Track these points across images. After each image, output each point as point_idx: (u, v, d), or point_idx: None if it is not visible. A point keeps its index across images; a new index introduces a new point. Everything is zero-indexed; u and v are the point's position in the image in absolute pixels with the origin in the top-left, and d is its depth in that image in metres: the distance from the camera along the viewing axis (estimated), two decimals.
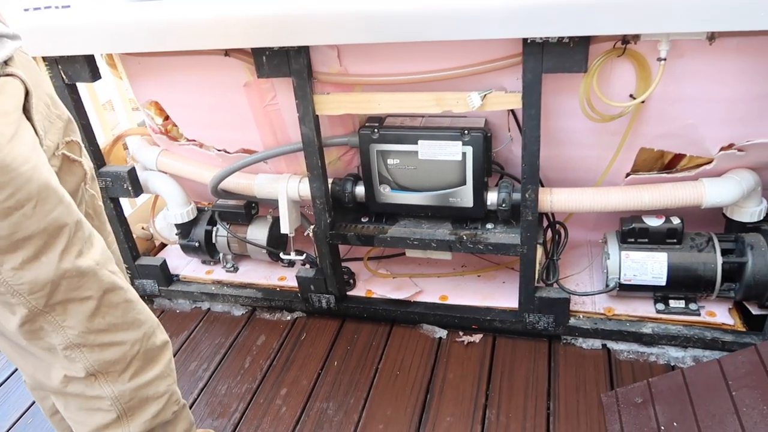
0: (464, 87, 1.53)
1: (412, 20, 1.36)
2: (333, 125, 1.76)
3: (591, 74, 1.43)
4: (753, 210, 1.67)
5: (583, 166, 1.73)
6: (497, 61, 1.47)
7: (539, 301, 1.75)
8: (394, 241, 1.77)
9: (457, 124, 1.65)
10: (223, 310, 2.12)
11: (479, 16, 1.32)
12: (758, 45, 1.35)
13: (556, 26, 1.30)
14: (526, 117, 1.47)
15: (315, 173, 1.70)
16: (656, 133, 1.57)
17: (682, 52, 1.38)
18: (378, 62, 1.58)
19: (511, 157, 1.78)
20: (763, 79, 1.41)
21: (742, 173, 1.61)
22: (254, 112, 1.76)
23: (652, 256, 1.70)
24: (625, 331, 1.75)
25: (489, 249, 1.71)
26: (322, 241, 1.82)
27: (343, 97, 1.60)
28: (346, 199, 1.79)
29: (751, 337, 1.68)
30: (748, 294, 1.68)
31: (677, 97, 1.47)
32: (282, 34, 1.46)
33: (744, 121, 1.49)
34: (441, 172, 1.66)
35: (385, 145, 1.67)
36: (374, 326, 1.97)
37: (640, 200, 1.62)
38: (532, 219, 1.62)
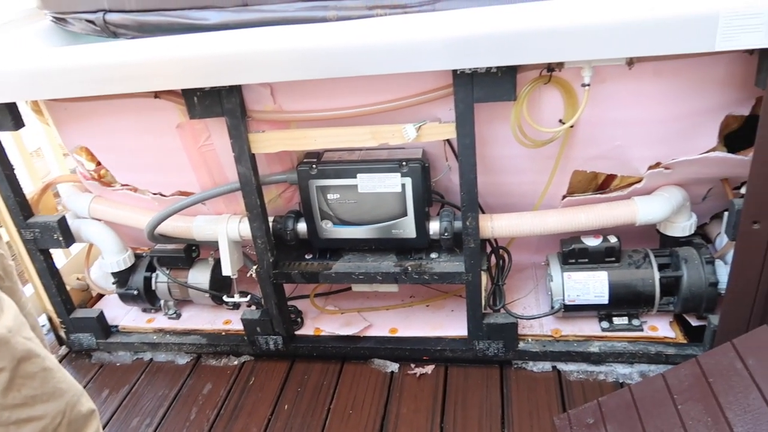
0: (400, 119, 1.54)
1: (343, 56, 1.37)
2: (271, 163, 1.74)
3: (520, 102, 1.46)
4: (684, 224, 1.74)
5: (520, 191, 1.76)
6: (430, 93, 1.49)
7: (487, 328, 1.75)
8: (339, 276, 1.75)
9: (395, 156, 1.66)
10: (166, 360, 2.03)
11: (409, 50, 1.34)
12: (674, 68, 1.41)
13: (483, 57, 1.33)
14: (461, 146, 1.49)
15: (254, 212, 1.67)
16: (587, 155, 1.62)
17: (604, 78, 1.43)
18: (313, 98, 1.57)
19: (450, 185, 1.80)
20: (681, 100, 1.48)
21: (670, 190, 1.67)
22: (189, 154, 1.72)
23: (593, 276, 1.74)
24: (573, 352, 1.77)
25: (434, 279, 1.70)
26: (265, 281, 1.78)
27: (278, 134, 1.58)
28: (288, 236, 1.76)
29: (692, 348, 1.72)
30: (686, 306, 1.73)
31: (604, 121, 1.52)
32: (212, 74, 1.44)
33: (667, 141, 1.55)
34: (382, 205, 1.66)
35: (324, 180, 1.65)
36: (324, 365, 1.92)
37: (577, 221, 1.66)
38: (474, 246, 1.63)
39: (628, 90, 1.45)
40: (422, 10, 1.51)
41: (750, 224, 1.46)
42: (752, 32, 1.21)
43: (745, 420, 1.27)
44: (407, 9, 1.53)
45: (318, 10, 1.57)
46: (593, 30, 1.26)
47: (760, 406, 1.27)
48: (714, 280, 1.67)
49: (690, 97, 1.47)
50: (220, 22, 1.60)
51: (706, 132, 1.53)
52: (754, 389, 1.30)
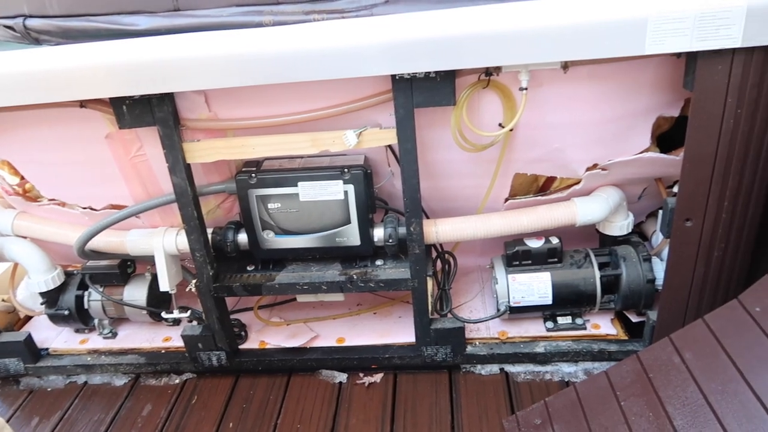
0: (340, 125, 1.51)
1: (280, 62, 1.33)
2: (208, 172, 1.68)
3: (460, 106, 1.46)
4: (622, 224, 1.78)
5: (463, 195, 1.76)
6: (370, 99, 1.47)
7: (435, 333, 1.74)
8: (283, 287, 1.70)
9: (337, 163, 1.63)
10: (102, 382, 1.93)
11: (347, 55, 1.31)
12: (607, 72, 1.44)
13: (422, 62, 1.32)
14: (403, 152, 1.48)
15: (192, 225, 1.61)
16: (527, 158, 1.64)
17: (540, 81, 1.45)
18: (250, 105, 1.53)
19: (394, 191, 1.78)
20: (615, 103, 1.51)
21: (608, 190, 1.71)
22: (120, 165, 1.64)
23: (537, 277, 1.76)
24: (520, 353, 1.78)
25: (380, 286, 1.68)
26: (206, 295, 1.71)
27: (214, 143, 1.53)
28: (228, 248, 1.70)
29: (633, 344, 1.77)
30: (626, 303, 1.77)
31: (542, 124, 1.54)
32: (142, 82, 1.38)
33: (603, 143, 1.58)
34: (325, 213, 1.63)
35: (265, 189, 1.61)
36: (270, 379, 1.87)
37: (519, 224, 1.67)
38: (419, 252, 1.62)
39: (564, 93, 1.47)
40: (360, 15, 1.49)
41: (683, 222, 1.50)
42: (679, 36, 1.25)
43: (684, 413, 1.30)
44: (345, 14, 1.51)
45: (253, 15, 1.53)
46: (529, 34, 1.27)
47: (698, 398, 1.30)
48: (651, 277, 1.71)
49: (623, 99, 1.50)
50: (150, 28, 1.53)
51: (639, 133, 1.58)
52: (692, 382, 1.34)
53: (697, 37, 1.25)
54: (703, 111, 1.35)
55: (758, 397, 1.21)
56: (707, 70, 1.30)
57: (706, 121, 1.36)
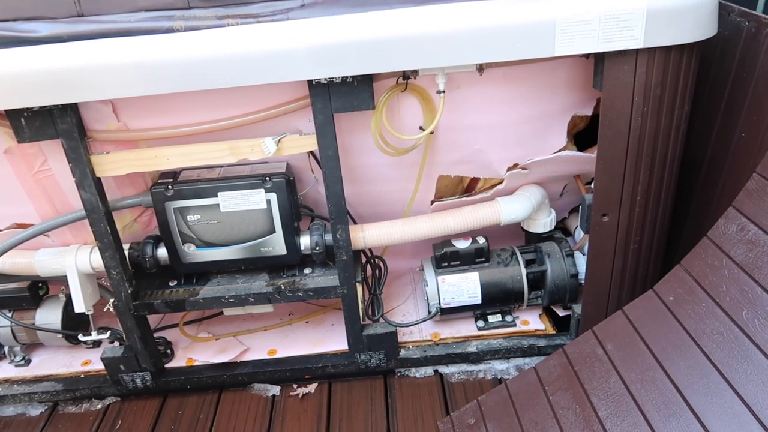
0: (259, 133, 1.47)
1: (191, 69, 1.28)
2: (121, 185, 1.60)
3: (379, 110, 1.45)
4: (545, 221, 1.82)
5: (389, 199, 1.76)
6: (287, 105, 1.44)
7: (368, 339, 1.73)
8: (208, 302, 1.64)
9: (258, 171, 1.58)
10: (15, 413, 1.80)
11: (262, 61, 1.28)
12: (521, 73, 1.47)
13: (338, 67, 1.30)
14: (324, 158, 1.45)
15: (105, 241, 1.52)
16: (449, 160, 1.65)
17: (458, 84, 1.46)
18: (162, 114, 1.46)
19: (319, 198, 1.75)
20: (531, 103, 1.54)
21: (530, 189, 1.74)
22: (23, 181, 1.54)
23: (466, 277, 1.77)
24: (453, 354, 1.79)
25: (309, 295, 1.65)
26: (125, 314, 1.63)
27: (125, 155, 1.45)
28: (147, 264, 1.63)
29: (561, 338, 1.81)
30: (553, 298, 1.81)
31: (462, 126, 1.55)
32: (41, 92, 1.29)
33: (522, 143, 1.61)
34: (247, 223, 1.58)
35: (183, 201, 1.54)
36: (200, 396, 1.80)
37: (446, 225, 1.68)
38: (347, 259, 1.60)
39: (481, 95, 1.49)
40: (276, 20, 1.46)
41: (600, 217, 1.55)
42: (586, 38, 1.28)
43: (608, 403, 1.34)
44: (260, 19, 1.47)
45: (163, 20, 1.47)
46: (444, 37, 1.28)
47: (620, 388, 1.34)
48: (574, 271, 1.76)
49: (539, 100, 1.53)
50: (51, 35, 1.44)
51: (555, 132, 1.62)
52: (614, 373, 1.38)
53: (603, 38, 1.29)
54: (612, 110, 1.40)
55: (674, 383, 1.26)
56: (614, 70, 1.35)
57: (615, 120, 1.41)
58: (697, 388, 1.22)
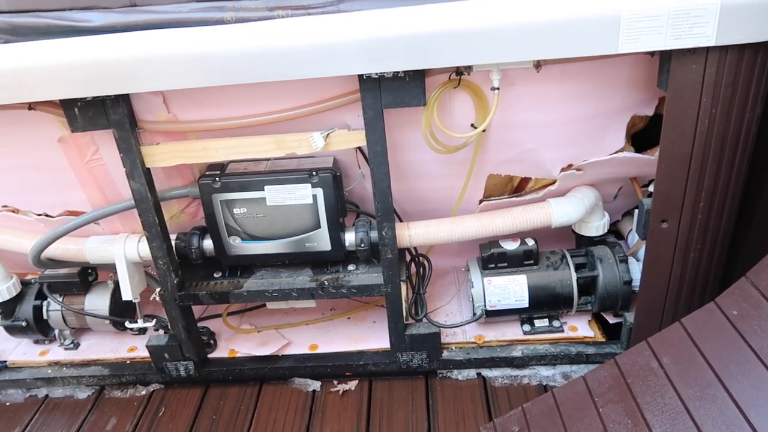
0: (306, 127, 1.45)
1: (243, 61, 1.27)
2: (169, 176, 1.61)
3: (430, 107, 1.41)
4: (598, 224, 1.75)
5: (437, 196, 1.72)
6: (337, 99, 1.41)
7: (410, 339, 1.70)
8: (252, 295, 1.64)
9: (305, 166, 1.57)
10: (64, 395, 1.85)
11: (312, 54, 1.25)
12: (580, 70, 1.40)
13: (390, 61, 1.27)
14: (372, 154, 1.42)
15: (153, 231, 1.53)
16: (501, 159, 1.59)
17: (513, 80, 1.40)
18: (211, 106, 1.46)
19: (365, 194, 1.73)
20: (589, 102, 1.47)
21: (583, 191, 1.67)
22: (75, 170, 1.56)
23: (513, 280, 1.72)
24: (497, 357, 1.74)
25: (353, 292, 1.63)
26: (171, 304, 1.64)
27: (175, 146, 1.45)
28: (193, 255, 1.63)
29: (611, 346, 1.74)
30: (603, 305, 1.74)
31: (515, 124, 1.49)
32: (95, 83, 1.30)
33: (577, 142, 1.55)
34: (293, 218, 1.57)
35: (229, 194, 1.54)
36: (241, 388, 1.81)
37: (494, 226, 1.63)
38: (392, 257, 1.57)
39: (537, 93, 1.43)
40: (326, 12, 1.43)
41: (659, 223, 1.47)
42: (653, 34, 1.21)
43: (663, 420, 1.27)
44: (310, 10, 1.45)
45: (214, 11, 1.46)
46: (500, 32, 1.22)
47: (677, 405, 1.27)
48: (628, 278, 1.68)
49: (597, 98, 1.46)
50: (105, 25, 1.45)
51: (613, 133, 1.54)
52: (670, 388, 1.31)
53: (671, 35, 1.21)
54: (677, 111, 1.32)
55: (736, 403, 1.19)
56: (681, 69, 1.27)
57: (680, 121, 1.33)
58: (763, 410, 1.14)
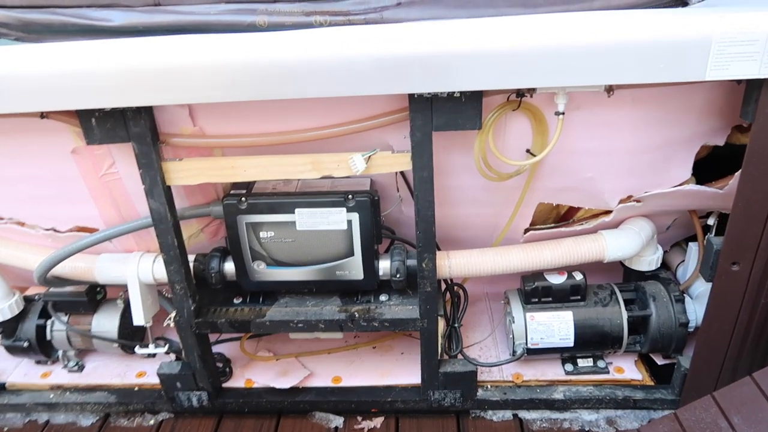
0: (345, 147, 1.32)
1: (278, 75, 1.13)
2: (191, 192, 1.48)
3: (486, 130, 1.28)
4: (651, 258, 1.61)
5: (479, 223, 1.58)
6: (381, 118, 1.28)
7: (444, 377, 1.56)
8: (275, 325, 1.50)
9: (340, 187, 1.43)
10: (66, 421, 1.71)
11: (357, 70, 1.12)
12: (653, 96, 1.26)
13: (445, 80, 1.13)
14: (418, 180, 1.29)
15: (171, 254, 1.40)
16: (555, 187, 1.46)
17: (579, 104, 1.26)
18: (241, 120, 1.32)
19: (401, 217, 1.59)
20: (658, 130, 1.33)
21: (639, 223, 1.54)
22: (88, 183, 1.43)
23: (558, 316, 1.58)
24: (536, 399, 1.61)
25: (385, 326, 1.49)
26: (186, 331, 1.51)
27: (199, 163, 1.32)
28: (213, 279, 1.50)
29: (661, 392, 1.60)
30: (655, 347, 1.61)
31: (575, 150, 1.35)
32: (115, 92, 1.17)
33: (640, 173, 1.41)
34: (324, 244, 1.43)
35: (256, 216, 1.40)
36: (258, 420, 1.67)
37: (541, 259, 1.50)
38: (431, 290, 1.43)
39: (603, 118, 1.29)
40: (368, 19, 1.30)
41: (729, 265, 1.34)
42: (747, 60, 1.07)
43: None
44: (350, 16, 1.32)
45: (245, 14, 1.33)
46: (572, 53, 1.09)
47: None
48: (684, 320, 1.55)
49: (667, 126, 1.33)
50: (126, 25, 1.33)
51: (680, 163, 1.41)
52: None
53: (767, 63, 1.07)
54: (763, 145, 1.18)
55: None
56: None
57: (765, 157, 1.19)
58: None
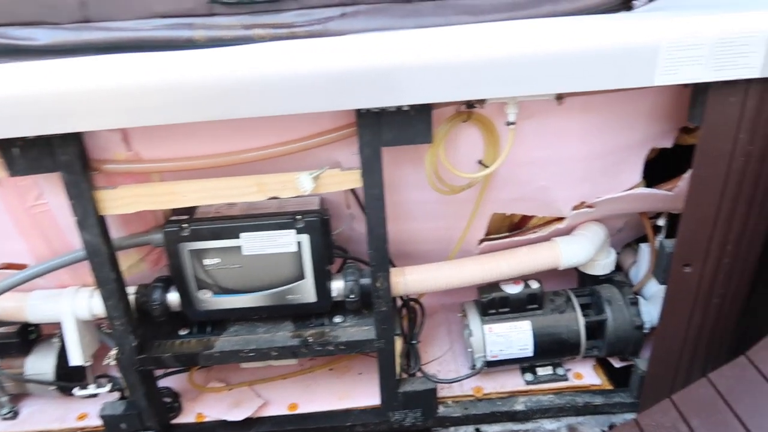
0: (292, 166, 1.26)
1: (215, 94, 1.07)
2: (127, 221, 1.38)
3: (437, 144, 1.24)
4: (605, 262, 1.62)
5: (434, 237, 1.55)
6: (328, 134, 1.22)
7: (404, 397, 1.52)
8: (225, 356, 1.42)
9: (288, 207, 1.37)
10: None
11: (301, 86, 1.06)
12: (602, 102, 1.26)
13: (392, 94, 1.09)
14: (369, 197, 1.24)
15: (108, 288, 1.30)
16: (508, 197, 1.44)
17: (530, 113, 1.24)
18: (180, 143, 1.24)
19: (353, 235, 1.54)
20: (607, 136, 1.33)
21: (592, 228, 1.54)
22: (14, 217, 1.32)
23: (516, 326, 1.56)
24: (497, 412, 1.58)
25: (341, 349, 1.43)
26: (129, 369, 1.41)
27: (135, 190, 1.23)
28: (155, 311, 1.40)
29: (619, 395, 1.60)
30: (612, 350, 1.61)
31: (528, 160, 1.34)
32: (38, 119, 1.07)
33: (592, 179, 1.41)
34: (273, 268, 1.36)
35: (199, 242, 1.32)
36: None
37: (498, 270, 1.48)
38: (386, 310, 1.38)
39: (554, 126, 1.28)
40: (311, 31, 1.25)
41: (681, 267, 1.35)
42: (694, 65, 1.08)
43: None
44: (293, 28, 1.27)
45: (182, 29, 1.26)
46: (522, 62, 1.07)
47: None
48: (640, 322, 1.55)
49: (618, 131, 1.33)
50: (52, 44, 1.24)
51: (631, 167, 1.41)
52: None
53: (713, 66, 1.08)
54: (711, 148, 1.19)
55: None
56: (719, 102, 1.14)
57: (714, 159, 1.20)
58: None
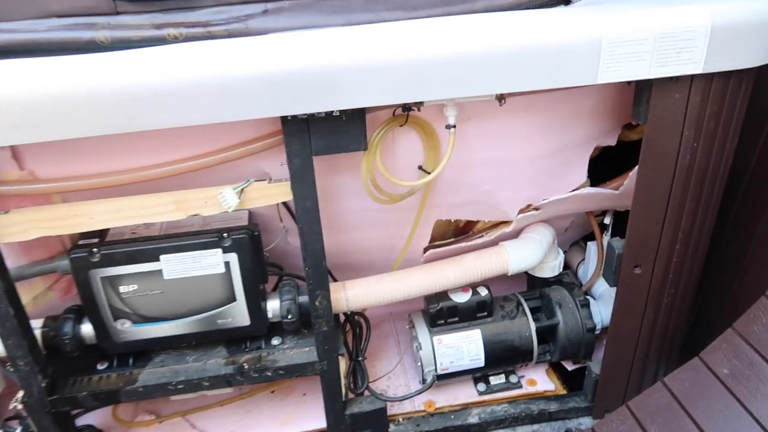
0: (211, 179, 1.13)
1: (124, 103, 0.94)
2: (28, 248, 1.22)
3: (372, 151, 1.14)
4: (553, 264, 1.57)
5: (376, 247, 1.45)
6: (253, 144, 1.11)
7: (351, 419, 1.42)
8: (150, 390, 1.28)
9: (213, 224, 1.24)
10: None
11: (219, 92, 0.94)
12: (543, 102, 1.19)
13: (321, 99, 0.98)
14: (301, 211, 1.13)
15: (7, 326, 1.14)
16: (452, 202, 1.36)
17: (470, 115, 1.16)
18: (83, 158, 1.10)
19: (288, 249, 1.43)
20: (551, 136, 1.27)
21: (539, 230, 1.48)
22: None
23: (466, 336, 1.49)
24: (451, 426, 1.51)
25: (280, 374, 1.32)
26: (39, 413, 1.25)
27: (32, 214, 1.08)
28: (67, 346, 1.25)
29: (574, 400, 1.56)
30: (564, 354, 1.56)
31: (471, 163, 1.26)
32: None
33: (538, 181, 1.35)
34: (200, 291, 1.23)
35: (113, 268, 1.18)
36: None
37: (445, 279, 1.40)
38: (327, 329, 1.28)
39: (496, 128, 1.21)
40: (231, 30, 1.12)
41: (632, 268, 1.30)
42: (637, 61, 1.02)
43: None
44: (210, 27, 1.14)
45: (82, 30, 1.11)
46: (459, 63, 0.98)
47: None
48: (591, 325, 1.51)
49: (561, 131, 1.27)
50: None
51: (576, 167, 1.36)
52: None
53: (657, 62, 1.03)
54: (656, 146, 1.14)
55: None
56: (663, 99, 1.09)
57: (660, 158, 1.16)
58: None
